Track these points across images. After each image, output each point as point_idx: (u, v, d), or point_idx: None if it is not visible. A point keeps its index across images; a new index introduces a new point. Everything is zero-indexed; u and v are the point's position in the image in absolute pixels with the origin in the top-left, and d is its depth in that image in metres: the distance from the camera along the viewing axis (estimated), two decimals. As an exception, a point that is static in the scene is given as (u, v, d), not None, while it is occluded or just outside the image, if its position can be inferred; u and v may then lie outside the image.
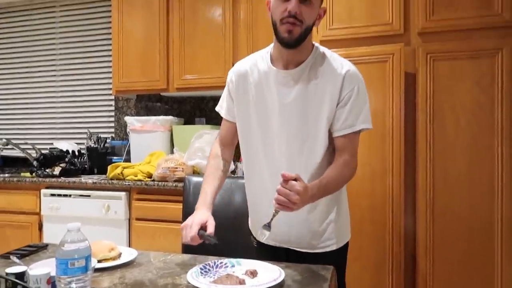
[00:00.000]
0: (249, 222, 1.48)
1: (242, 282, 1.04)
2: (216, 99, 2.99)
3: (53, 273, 0.88)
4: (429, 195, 1.97)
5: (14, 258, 1.21)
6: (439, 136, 1.96)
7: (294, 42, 1.19)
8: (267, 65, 1.30)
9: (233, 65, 1.46)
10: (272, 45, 1.32)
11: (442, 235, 1.96)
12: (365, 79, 2.03)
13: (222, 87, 2.51)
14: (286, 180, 1.06)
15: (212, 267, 1.16)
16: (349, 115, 1.24)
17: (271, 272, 1.08)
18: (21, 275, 0.86)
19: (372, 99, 2.03)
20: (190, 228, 1.18)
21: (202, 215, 1.23)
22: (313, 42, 1.31)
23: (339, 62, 1.26)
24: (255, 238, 1.45)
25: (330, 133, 1.26)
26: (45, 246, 1.41)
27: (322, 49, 1.30)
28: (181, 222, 1.72)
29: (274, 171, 1.25)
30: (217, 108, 1.48)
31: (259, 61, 1.33)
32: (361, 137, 1.42)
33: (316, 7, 1.20)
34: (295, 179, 1.07)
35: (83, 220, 2.39)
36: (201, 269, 1.13)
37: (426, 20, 1.99)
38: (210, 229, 1.19)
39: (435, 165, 1.96)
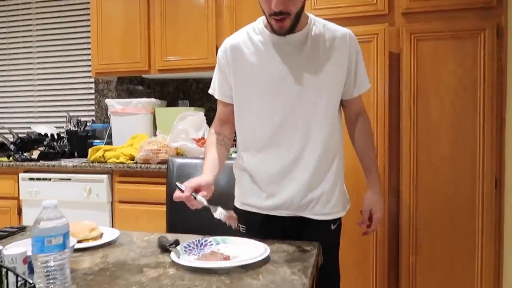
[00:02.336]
0: (238, 201, 1.38)
1: (226, 258, 1.03)
2: (199, 81, 2.98)
3: (29, 253, 0.85)
4: (412, 174, 1.98)
5: (-10, 240, 1.17)
6: (423, 116, 1.97)
7: (287, 32, 1.20)
8: (263, 34, 1.26)
9: (216, 47, 1.41)
10: (260, 18, 1.29)
11: (425, 214, 1.98)
12: (349, 59, 2.04)
13: (206, 69, 2.52)
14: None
15: (197, 245, 1.14)
16: (360, 76, 1.30)
17: (256, 248, 1.07)
18: (-5, 255, 0.83)
19: (357, 79, 2.03)
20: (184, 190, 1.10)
21: (200, 179, 1.16)
22: (307, 13, 1.28)
23: (336, 27, 1.29)
24: (241, 222, 1.35)
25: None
26: (22, 228, 1.37)
27: (316, 17, 1.30)
28: (165, 204, 1.71)
29: (285, 140, 1.24)
30: (210, 91, 1.40)
31: (251, 32, 1.29)
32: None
33: None
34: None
35: (64, 204, 2.33)
36: (185, 247, 1.11)
37: (410, 0, 1.97)
38: (202, 194, 1.11)
39: (419, 145, 1.97)
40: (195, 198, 1.08)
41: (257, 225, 1.30)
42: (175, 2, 2.62)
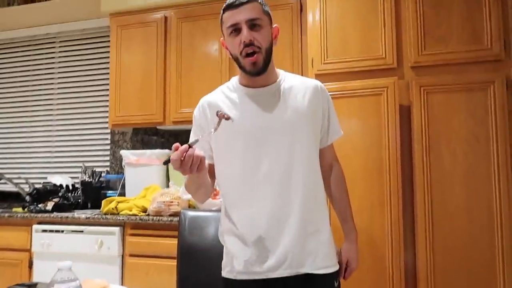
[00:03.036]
0: (227, 267, 1.30)
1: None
2: (212, 132, 3.02)
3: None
4: (428, 227, 1.94)
5: (1, 299, 1.16)
6: (436, 167, 1.95)
7: (260, 70, 1.24)
8: (238, 90, 1.30)
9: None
10: (234, 78, 1.36)
11: (443, 268, 1.91)
12: (359, 112, 2.07)
13: (218, 120, 2.56)
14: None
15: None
16: (333, 124, 1.37)
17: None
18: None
19: (367, 131, 2.05)
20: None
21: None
22: (277, 69, 1.37)
23: (306, 78, 1.39)
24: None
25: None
26: (34, 285, 1.36)
27: (286, 72, 1.38)
28: (175, 258, 1.69)
29: (273, 190, 1.22)
30: None
31: (226, 90, 1.33)
32: (357, 170, 1.43)
33: (267, 29, 1.25)
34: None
35: (75, 257, 2.32)
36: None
37: (418, 54, 2.02)
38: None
39: (433, 197, 1.94)
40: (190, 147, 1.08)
41: None
42: (190, 56, 2.74)
